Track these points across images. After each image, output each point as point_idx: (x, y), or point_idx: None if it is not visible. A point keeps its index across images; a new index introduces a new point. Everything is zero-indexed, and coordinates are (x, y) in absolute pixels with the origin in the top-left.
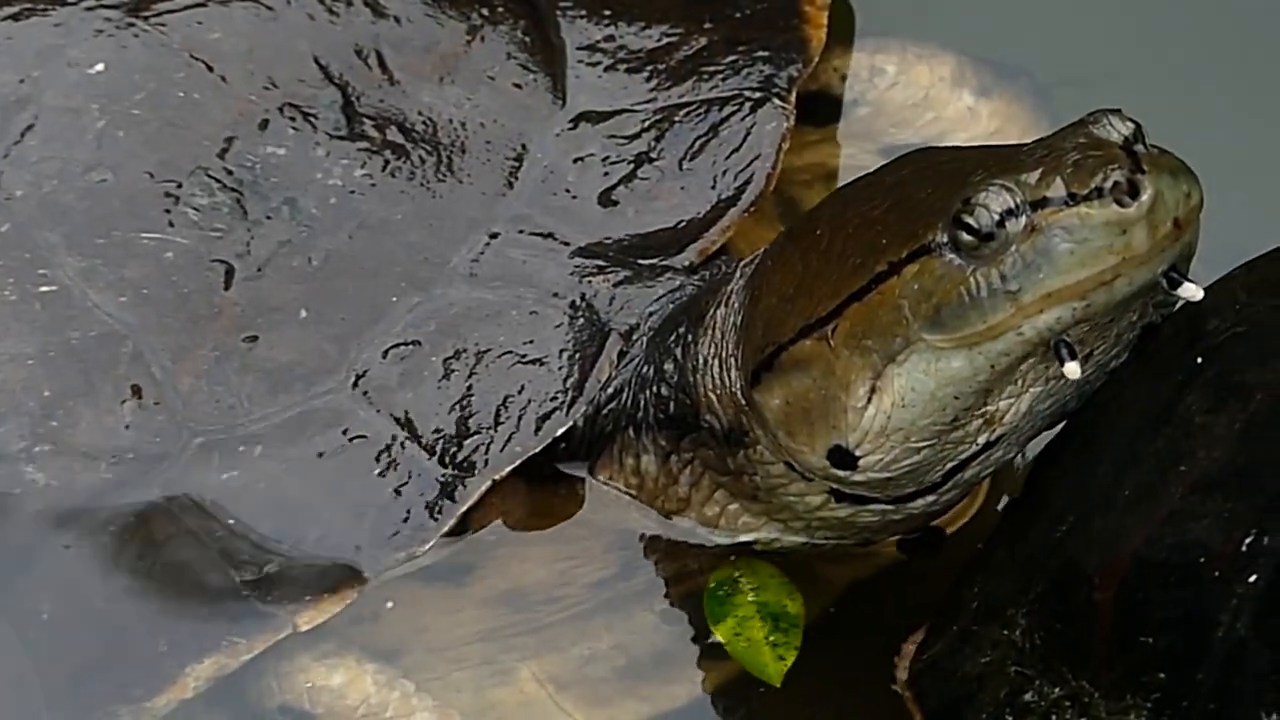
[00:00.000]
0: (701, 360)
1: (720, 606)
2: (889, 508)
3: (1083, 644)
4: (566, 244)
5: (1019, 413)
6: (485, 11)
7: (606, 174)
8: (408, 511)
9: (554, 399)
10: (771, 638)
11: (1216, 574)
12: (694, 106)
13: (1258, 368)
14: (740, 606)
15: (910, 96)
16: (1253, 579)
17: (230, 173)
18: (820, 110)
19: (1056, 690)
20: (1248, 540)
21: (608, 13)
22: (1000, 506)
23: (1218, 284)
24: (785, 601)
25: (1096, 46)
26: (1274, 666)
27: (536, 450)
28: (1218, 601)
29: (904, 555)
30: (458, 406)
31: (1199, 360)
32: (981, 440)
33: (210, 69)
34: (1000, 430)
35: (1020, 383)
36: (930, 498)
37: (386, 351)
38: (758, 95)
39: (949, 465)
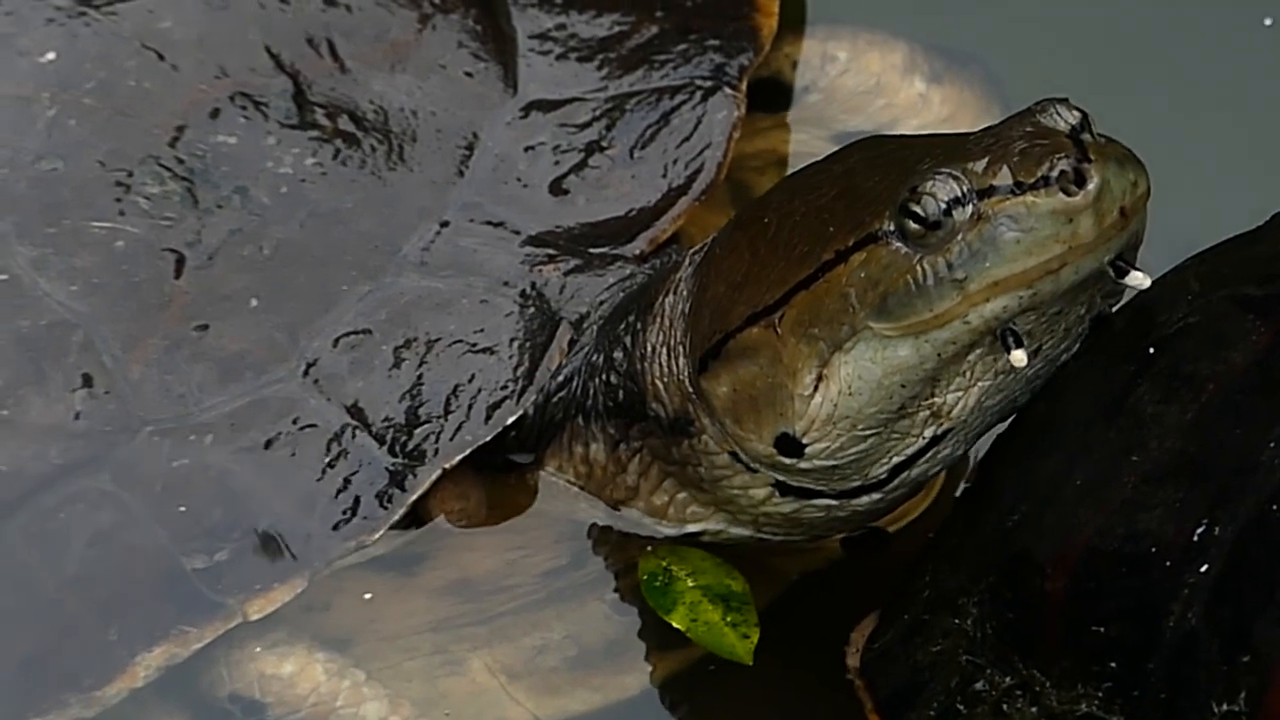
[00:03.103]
0: (650, 348)
1: (664, 596)
2: (834, 503)
3: (1034, 633)
4: (517, 233)
5: (967, 407)
6: (436, 0)
7: (557, 163)
8: (357, 500)
9: (504, 388)
10: (729, 619)
11: (1168, 564)
12: (645, 95)
13: (1209, 359)
14: (685, 593)
15: (862, 83)
16: (1204, 569)
17: (181, 161)
18: (772, 97)
19: (1008, 679)
20: (1199, 530)
21: (559, 1)
22: (953, 496)
23: (1170, 275)
24: (727, 582)
25: (1046, 34)
26: (1224, 656)
27: (487, 439)
28: (1169, 591)
29: (846, 553)
30: (408, 395)
31: (1151, 351)
32: (928, 434)
33: (161, 57)
34: (947, 425)
35: (968, 375)
36: (876, 495)
37: (337, 340)
38: (709, 84)
39: (895, 460)
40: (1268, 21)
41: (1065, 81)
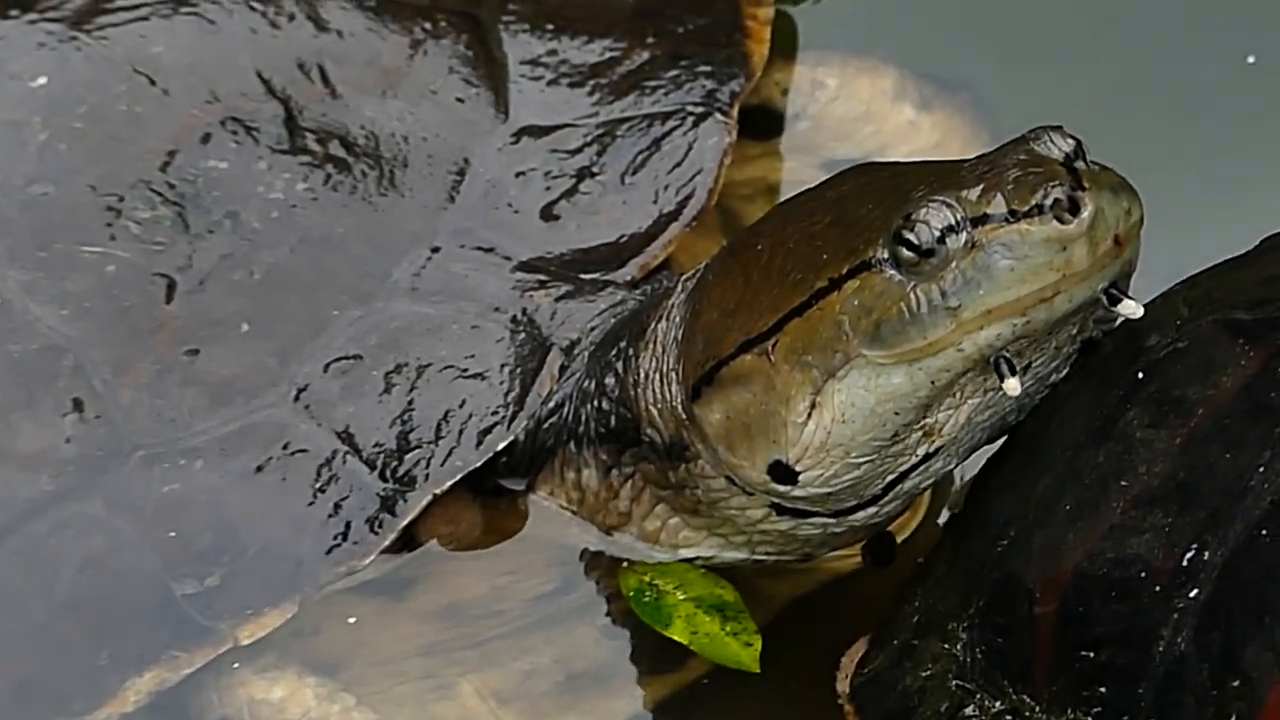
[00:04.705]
0: (642, 374)
1: (657, 611)
2: (830, 520)
3: (1024, 658)
4: (508, 258)
5: (958, 424)
6: (428, 26)
7: (548, 188)
8: (348, 525)
9: (495, 413)
10: (728, 628)
11: (1157, 588)
12: (636, 121)
13: (1199, 383)
14: (678, 606)
15: (851, 110)
16: (1193, 593)
17: (172, 186)
18: (762, 124)
19: (998, 704)
20: (1188, 555)
21: (550, 27)
22: (942, 521)
23: (1159, 299)
24: (718, 591)
25: (1037, 61)
26: (1214, 680)
27: (477, 464)
28: (1158, 616)
29: (863, 562)
30: (399, 420)
31: (1140, 375)
32: (921, 452)
33: (153, 82)
34: (940, 442)
35: (959, 394)
36: (871, 509)
37: (328, 365)
38: (700, 110)
39: (889, 478)
40: (1251, 59)
41: (1052, 109)
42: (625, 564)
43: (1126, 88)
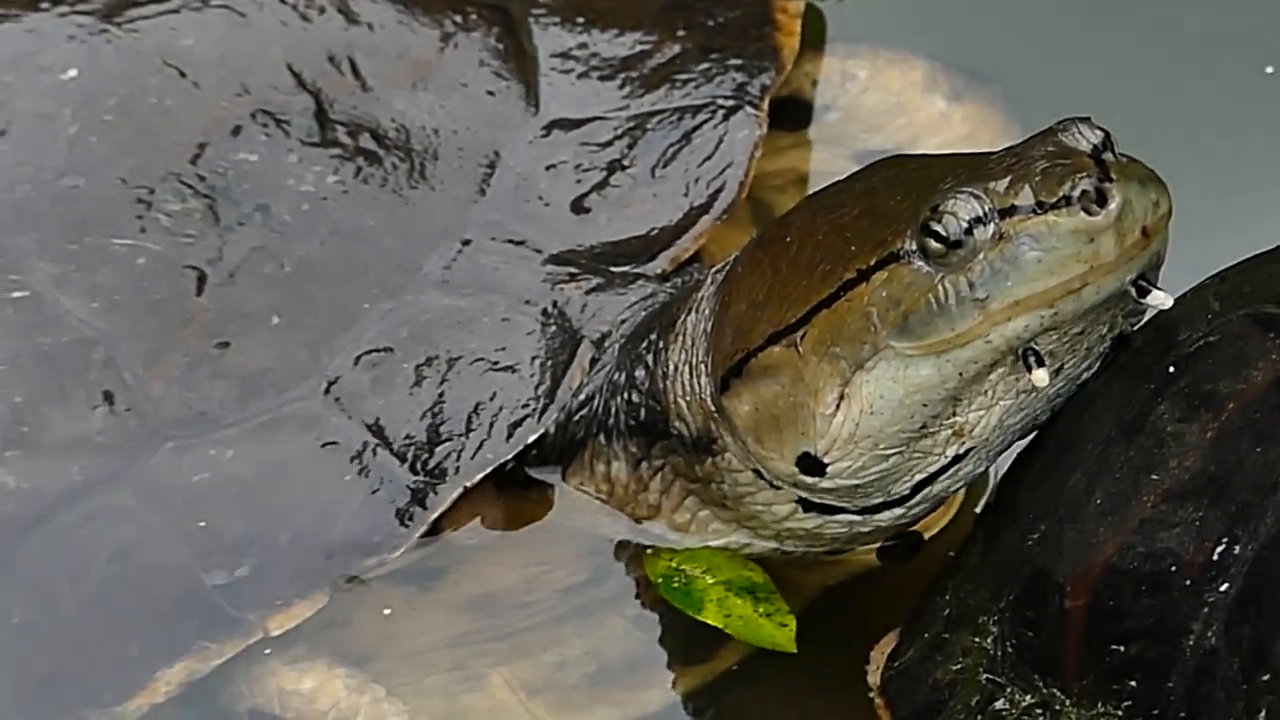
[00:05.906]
0: (672, 367)
1: (689, 596)
2: (857, 518)
3: (1054, 652)
4: (539, 251)
5: (989, 426)
6: (458, 18)
7: (579, 181)
8: (379, 518)
9: (526, 406)
10: (761, 609)
11: (1188, 582)
12: (667, 114)
13: (1230, 378)
14: (708, 589)
15: (882, 102)
16: (1224, 587)
17: (202, 179)
18: (792, 115)
19: (1028, 698)
20: (1219, 549)
21: (581, 20)
22: (973, 514)
23: (1190, 293)
24: (747, 574)
25: (1068, 53)
26: (1244, 675)
27: (508, 457)
28: (1189, 610)
29: (881, 561)
30: (429, 413)
31: (1171, 370)
32: (950, 453)
33: (183, 75)
34: (969, 443)
35: (990, 394)
36: (898, 510)
37: (358, 358)
38: (730, 103)
39: (917, 477)
40: (1269, 69)
41: (1083, 102)
42: (650, 550)
43: (1157, 82)
